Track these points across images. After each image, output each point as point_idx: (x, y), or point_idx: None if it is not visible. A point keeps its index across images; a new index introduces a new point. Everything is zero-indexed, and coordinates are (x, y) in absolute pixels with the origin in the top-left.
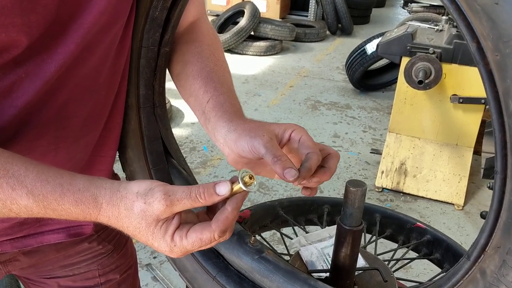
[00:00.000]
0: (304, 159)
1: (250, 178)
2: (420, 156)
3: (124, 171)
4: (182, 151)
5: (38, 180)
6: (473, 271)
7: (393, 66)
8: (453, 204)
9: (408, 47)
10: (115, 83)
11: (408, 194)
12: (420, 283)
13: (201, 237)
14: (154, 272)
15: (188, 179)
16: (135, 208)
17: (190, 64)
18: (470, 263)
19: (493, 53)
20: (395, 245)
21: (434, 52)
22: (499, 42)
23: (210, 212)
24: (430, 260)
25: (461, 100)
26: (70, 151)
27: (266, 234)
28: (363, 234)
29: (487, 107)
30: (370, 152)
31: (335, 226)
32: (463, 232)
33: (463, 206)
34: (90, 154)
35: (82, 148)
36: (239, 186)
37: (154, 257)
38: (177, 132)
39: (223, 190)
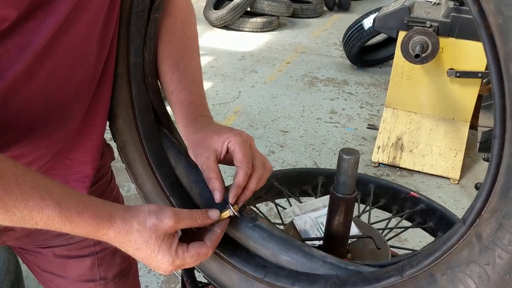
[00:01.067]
0: (235, 174)
1: (235, 208)
2: (417, 131)
3: (115, 141)
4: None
5: (64, 194)
6: (468, 235)
7: (391, 42)
8: (449, 178)
9: (405, 21)
10: (104, 51)
11: (404, 168)
12: (414, 251)
13: (199, 251)
14: None
15: (181, 149)
16: (148, 223)
17: (162, 42)
18: (466, 227)
19: (495, 16)
20: (389, 216)
21: (431, 26)
22: (502, 5)
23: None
24: (424, 229)
25: (458, 74)
26: (61, 119)
27: (262, 209)
28: (357, 204)
29: (484, 81)
30: (367, 128)
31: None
32: (458, 206)
33: (459, 180)
34: (81, 122)
35: (73, 116)
36: (226, 212)
37: None
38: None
39: (214, 215)
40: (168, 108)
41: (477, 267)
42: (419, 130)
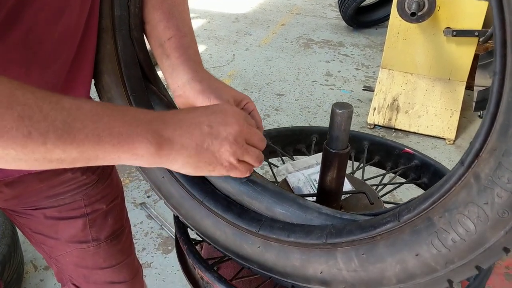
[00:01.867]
0: None
1: None
2: (413, 92)
3: (100, 99)
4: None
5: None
6: (466, 177)
7: (387, 2)
8: (444, 138)
9: None
10: (87, 2)
11: (400, 130)
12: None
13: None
14: (148, 210)
15: (170, 106)
16: None
17: None
18: (464, 168)
19: None
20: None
21: None
22: None
23: None
24: (418, 184)
25: (454, 33)
26: (43, 75)
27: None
28: (350, 161)
29: (481, 40)
30: (363, 90)
31: None
32: (453, 165)
33: (454, 141)
34: (65, 79)
35: (55, 72)
36: None
37: (148, 196)
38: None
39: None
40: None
41: (475, 208)
42: (415, 91)
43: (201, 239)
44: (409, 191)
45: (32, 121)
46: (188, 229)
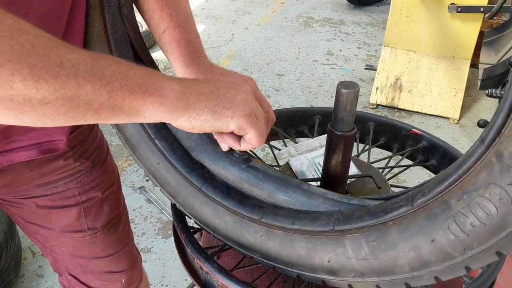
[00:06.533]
0: None
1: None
2: (416, 70)
3: None
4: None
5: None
6: (487, 156)
7: None
8: (449, 118)
9: None
10: None
11: (403, 109)
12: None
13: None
14: (148, 194)
15: None
16: None
17: None
18: (485, 147)
19: None
20: (389, 155)
21: None
22: None
23: None
24: (426, 167)
25: (459, 9)
26: None
27: (256, 153)
28: (355, 143)
29: (486, 16)
30: (365, 69)
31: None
32: (458, 146)
33: (458, 120)
34: None
35: None
36: None
37: (147, 180)
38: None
39: None
40: (157, 54)
41: (497, 189)
42: (418, 69)
43: (200, 227)
44: (413, 173)
45: (61, 51)
46: (187, 217)
